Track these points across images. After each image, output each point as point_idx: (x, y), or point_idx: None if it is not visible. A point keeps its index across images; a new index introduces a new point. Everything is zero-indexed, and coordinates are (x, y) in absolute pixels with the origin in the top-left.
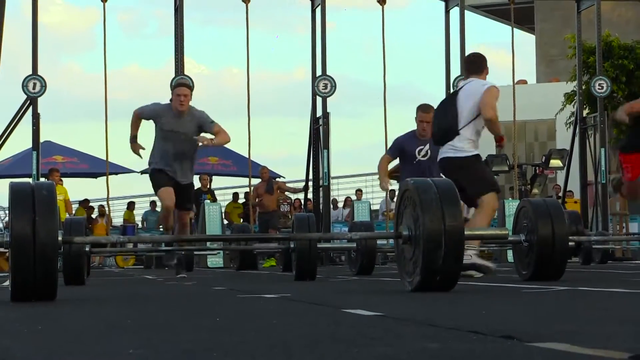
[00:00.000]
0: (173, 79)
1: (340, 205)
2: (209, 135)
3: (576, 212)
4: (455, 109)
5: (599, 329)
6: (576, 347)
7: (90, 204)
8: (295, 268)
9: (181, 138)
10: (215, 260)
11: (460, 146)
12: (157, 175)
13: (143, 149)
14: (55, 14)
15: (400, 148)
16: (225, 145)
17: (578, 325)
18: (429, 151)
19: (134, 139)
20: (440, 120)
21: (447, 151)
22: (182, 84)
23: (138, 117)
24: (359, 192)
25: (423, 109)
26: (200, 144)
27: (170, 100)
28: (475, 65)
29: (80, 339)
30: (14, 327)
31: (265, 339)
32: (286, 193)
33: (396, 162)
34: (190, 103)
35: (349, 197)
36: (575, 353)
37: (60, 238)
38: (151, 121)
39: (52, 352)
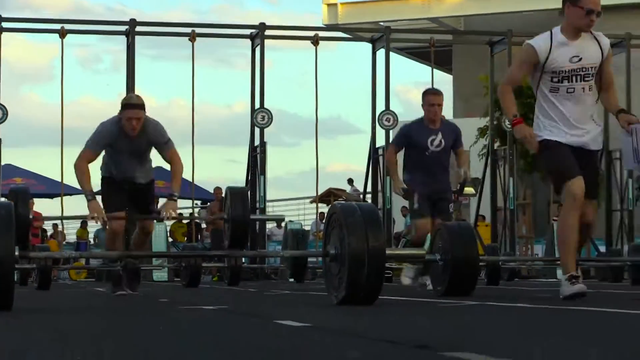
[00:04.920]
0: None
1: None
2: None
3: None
4: None
5: (507, 340)
6: (482, 356)
7: (46, 222)
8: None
9: (134, 155)
10: (160, 275)
11: None
12: (108, 190)
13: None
14: (16, 48)
15: (409, 137)
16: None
17: (487, 337)
18: (442, 140)
19: (92, 194)
20: None
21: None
22: (133, 105)
23: (89, 161)
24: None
25: (432, 92)
26: (164, 216)
27: (119, 120)
28: None
29: (31, 348)
30: None
31: (198, 344)
32: None
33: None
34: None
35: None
36: None
37: (17, 253)
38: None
39: None
